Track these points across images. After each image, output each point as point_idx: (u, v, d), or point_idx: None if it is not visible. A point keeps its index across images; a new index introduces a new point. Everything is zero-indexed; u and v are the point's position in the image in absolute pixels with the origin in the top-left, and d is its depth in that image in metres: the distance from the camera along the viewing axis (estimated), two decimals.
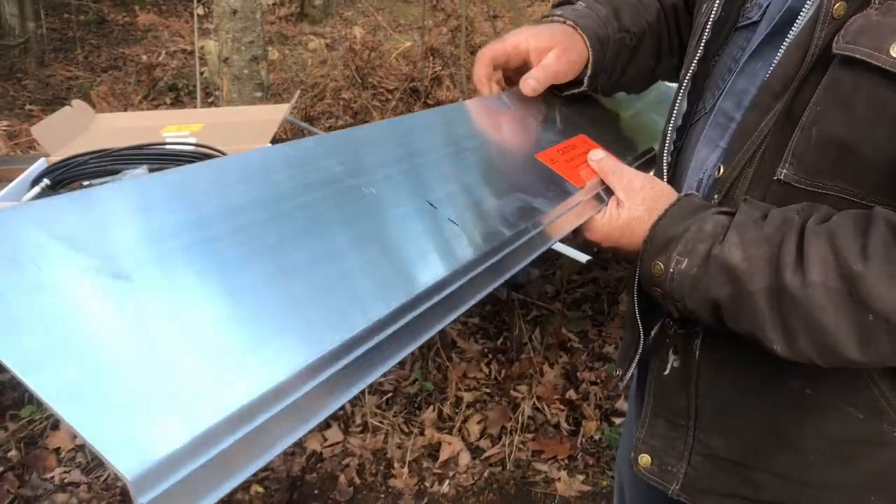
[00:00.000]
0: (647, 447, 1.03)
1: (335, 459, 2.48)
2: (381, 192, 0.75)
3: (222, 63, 3.79)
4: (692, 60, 0.98)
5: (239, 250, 0.59)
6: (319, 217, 0.67)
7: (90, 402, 0.44)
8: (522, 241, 0.80)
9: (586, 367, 2.84)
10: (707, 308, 0.83)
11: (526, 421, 2.60)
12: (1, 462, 2.42)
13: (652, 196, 0.90)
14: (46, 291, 0.49)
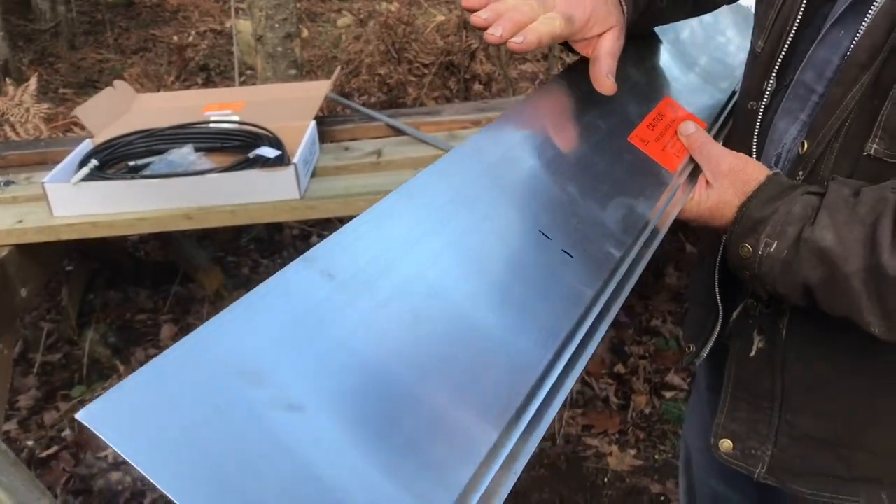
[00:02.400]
0: (728, 432, 1.01)
1: None
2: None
3: (256, 41, 3.77)
4: (786, 37, 0.92)
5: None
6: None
7: None
8: (633, 254, 0.78)
9: (634, 342, 2.81)
10: (799, 292, 0.81)
11: (575, 396, 2.58)
12: (56, 441, 2.45)
13: (741, 179, 0.88)
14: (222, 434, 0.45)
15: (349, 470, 0.46)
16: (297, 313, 0.53)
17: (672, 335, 2.83)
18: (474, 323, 0.61)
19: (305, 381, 0.50)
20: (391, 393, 0.52)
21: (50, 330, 2.96)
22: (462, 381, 0.56)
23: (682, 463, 1.39)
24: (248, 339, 0.50)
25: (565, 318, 0.65)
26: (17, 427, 2.52)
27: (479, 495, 0.50)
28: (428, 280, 0.61)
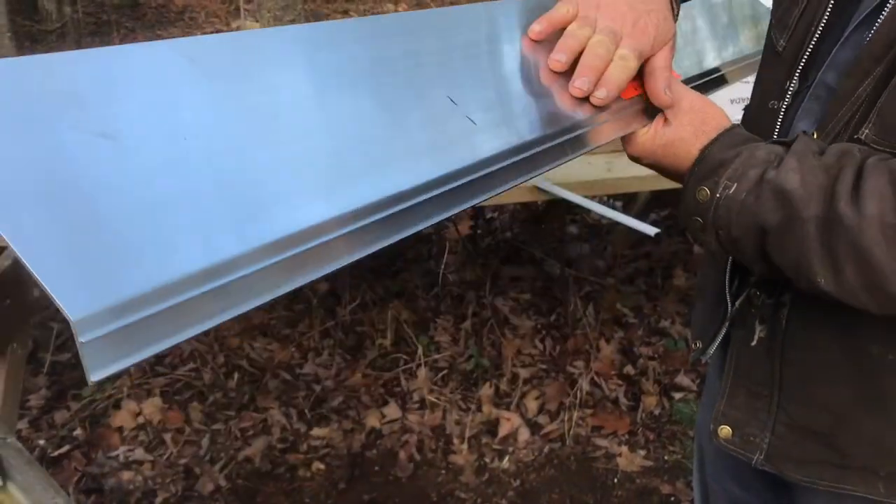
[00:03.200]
0: (728, 419, 1.01)
1: (394, 436, 2.49)
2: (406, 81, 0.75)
3: None
4: (810, 40, 0.91)
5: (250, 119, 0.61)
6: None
7: (51, 246, 0.45)
8: (554, 143, 0.78)
9: (643, 343, 2.82)
10: (752, 235, 0.79)
11: (584, 396, 2.58)
12: (67, 441, 2.46)
13: (701, 119, 0.87)
14: (29, 141, 0.50)
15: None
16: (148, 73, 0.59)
17: (681, 336, 2.84)
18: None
19: (127, 119, 0.54)
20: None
21: (59, 329, 2.96)
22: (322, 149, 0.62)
23: (695, 463, 1.40)
24: (81, 72, 0.55)
25: (435, 164, 0.67)
26: (28, 426, 2.52)
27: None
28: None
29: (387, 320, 2.90)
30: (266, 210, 0.54)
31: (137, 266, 0.47)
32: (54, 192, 0.48)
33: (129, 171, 0.51)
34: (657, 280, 3.12)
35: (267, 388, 2.67)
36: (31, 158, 0.49)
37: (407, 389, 2.66)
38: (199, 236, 0.51)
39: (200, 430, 2.52)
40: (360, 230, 0.58)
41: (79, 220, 0.47)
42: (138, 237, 0.48)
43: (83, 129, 0.52)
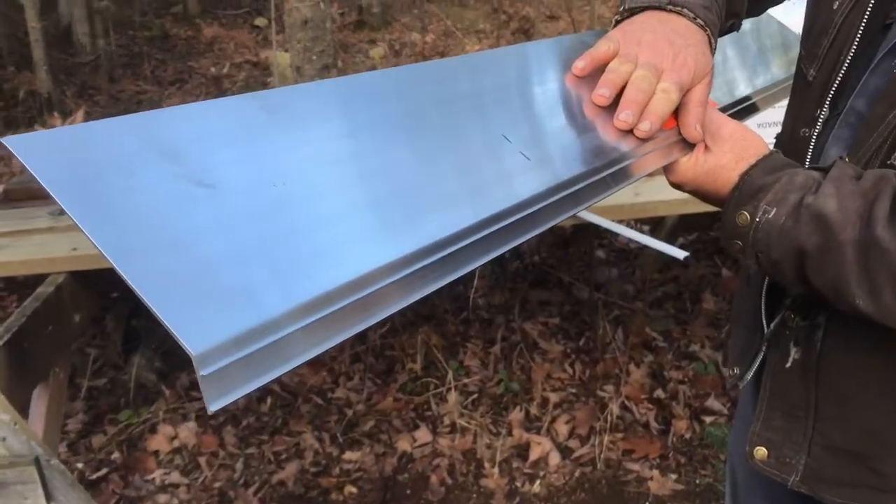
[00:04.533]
0: (763, 440, 1.02)
1: (426, 460, 2.50)
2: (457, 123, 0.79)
3: (295, 72, 3.86)
4: (839, 67, 0.94)
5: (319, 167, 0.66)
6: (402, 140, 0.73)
7: (169, 287, 0.50)
8: (600, 176, 0.81)
9: (673, 366, 2.82)
10: (792, 258, 0.81)
11: (614, 420, 2.59)
12: (105, 464, 2.51)
13: (741, 146, 0.89)
14: (140, 193, 0.55)
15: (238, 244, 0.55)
16: (236, 125, 0.65)
17: (711, 360, 2.83)
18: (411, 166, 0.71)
19: (222, 169, 0.59)
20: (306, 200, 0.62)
21: (96, 355, 3.02)
22: (367, 202, 0.65)
23: (728, 487, 1.40)
24: (176, 128, 0.61)
25: (494, 201, 0.70)
26: (66, 450, 2.57)
27: (358, 298, 0.57)
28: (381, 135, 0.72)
29: (416, 345, 2.93)
30: (339, 253, 0.59)
31: (246, 303, 0.51)
32: (166, 237, 0.53)
33: (229, 217, 0.57)
34: (686, 304, 3.12)
35: (299, 413, 2.71)
36: (141, 208, 0.54)
37: (437, 413, 2.68)
38: (286, 277, 0.55)
39: (234, 453, 2.56)
40: (423, 269, 0.62)
41: (189, 263, 0.52)
42: (241, 277, 0.53)
43: (184, 180, 0.57)
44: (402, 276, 0.60)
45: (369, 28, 8.31)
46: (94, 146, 0.57)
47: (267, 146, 0.65)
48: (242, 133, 0.65)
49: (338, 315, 0.56)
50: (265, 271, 0.54)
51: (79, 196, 0.53)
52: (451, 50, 5.29)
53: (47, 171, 0.53)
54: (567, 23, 5.72)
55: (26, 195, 2.59)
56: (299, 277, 0.55)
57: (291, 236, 0.57)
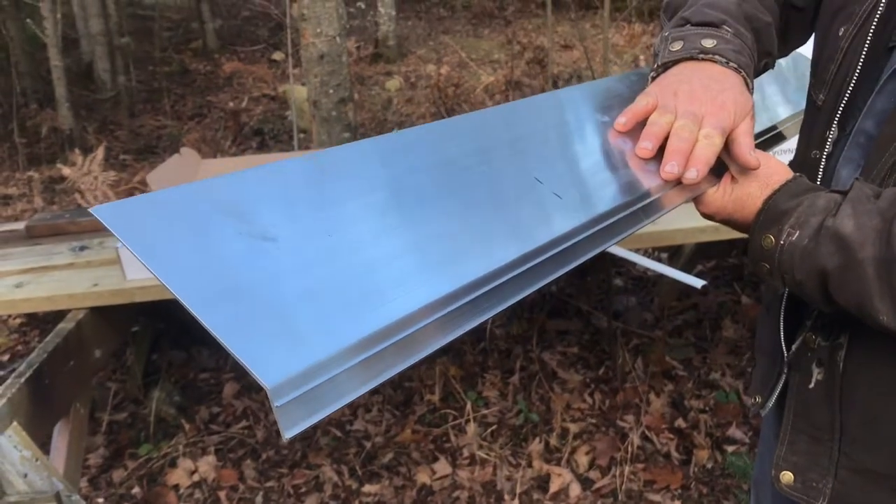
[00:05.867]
0: (789, 464, 1.01)
1: (445, 492, 2.49)
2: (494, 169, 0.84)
3: (312, 106, 3.90)
4: (845, 88, 0.95)
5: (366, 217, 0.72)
6: (437, 191, 0.79)
7: (241, 329, 0.56)
8: (632, 209, 0.85)
9: (693, 395, 2.80)
10: (814, 278, 0.83)
11: (635, 451, 2.56)
12: (125, 499, 2.51)
13: (766, 173, 0.91)
14: (211, 250, 0.62)
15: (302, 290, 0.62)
16: (290, 186, 0.72)
17: (732, 388, 2.81)
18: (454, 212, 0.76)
19: (281, 225, 0.67)
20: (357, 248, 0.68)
21: (116, 389, 3.04)
22: (421, 247, 0.71)
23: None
24: (239, 191, 0.69)
25: (530, 237, 0.75)
26: (87, 485, 2.58)
27: (402, 336, 0.62)
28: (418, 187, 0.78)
29: (435, 376, 2.92)
30: (383, 295, 0.64)
31: (307, 342, 0.57)
32: (235, 286, 0.60)
33: (290, 265, 0.63)
34: (706, 332, 3.10)
35: (318, 445, 2.70)
36: (213, 263, 0.61)
37: (457, 445, 2.67)
38: (345, 316, 0.61)
39: (254, 487, 2.55)
40: (462, 307, 0.67)
41: (259, 307, 0.58)
42: (305, 318, 0.59)
43: (250, 236, 0.64)
44: (443, 314, 0.65)
45: (385, 60, 8.40)
46: (171, 212, 0.65)
47: (320, 201, 0.71)
48: (297, 191, 0.72)
49: (386, 352, 0.61)
50: (321, 314, 0.60)
51: (160, 256, 0.60)
52: (466, 81, 5.33)
53: (132, 237, 0.61)
54: (580, 52, 5.75)
55: (48, 231, 2.63)
56: (350, 319, 0.60)
57: (343, 281, 0.64)
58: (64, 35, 6.90)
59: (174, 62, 8.99)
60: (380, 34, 8.77)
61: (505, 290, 0.70)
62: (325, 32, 3.69)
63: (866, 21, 0.94)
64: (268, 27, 10.48)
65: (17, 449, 1.75)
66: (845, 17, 0.97)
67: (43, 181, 5.47)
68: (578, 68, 6.19)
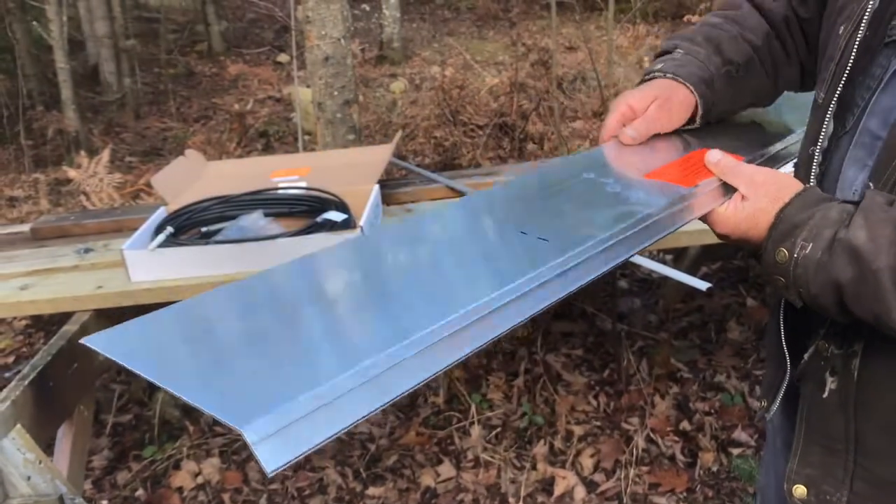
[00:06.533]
0: (802, 477, 1.00)
1: (449, 495, 2.48)
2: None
3: (317, 108, 3.90)
4: (839, 82, 0.96)
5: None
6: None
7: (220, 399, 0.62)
8: (622, 236, 0.87)
9: (698, 398, 2.79)
10: (830, 291, 0.83)
11: (640, 453, 2.55)
12: (130, 501, 2.51)
13: (776, 188, 0.91)
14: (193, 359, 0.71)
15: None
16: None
17: (737, 391, 2.80)
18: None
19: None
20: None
21: (121, 391, 3.04)
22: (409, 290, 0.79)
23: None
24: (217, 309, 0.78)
25: (517, 269, 0.79)
26: (91, 487, 2.58)
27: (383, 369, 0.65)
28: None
29: (439, 378, 2.91)
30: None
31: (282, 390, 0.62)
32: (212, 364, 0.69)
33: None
34: (711, 334, 3.09)
35: (322, 448, 2.69)
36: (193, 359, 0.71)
37: (461, 448, 2.67)
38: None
39: (258, 489, 2.55)
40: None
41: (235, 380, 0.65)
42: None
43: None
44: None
45: (389, 62, 8.40)
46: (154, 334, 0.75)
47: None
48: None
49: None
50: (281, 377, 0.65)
51: (151, 366, 0.68)
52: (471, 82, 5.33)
53: (125, 357, 0.70)
54: (585, 54, 5.75)
55: (53, 233, 2.63)
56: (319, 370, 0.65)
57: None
58: (70, 37, 6.92)
59: (179, 64, 9.00)
60: (384, 36, 8.78)
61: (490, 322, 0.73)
62: (329, 35, 3.68)
63: (861, 17, 0.94)
64: (273, 29, 10.50)
65: (21, 451, 1.74)
66: (846, 17, 0.98)
67: (49, 183, 5.49)
68: (583, 70, 6.18)
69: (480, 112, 4.69)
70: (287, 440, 0.57)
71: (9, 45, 7.27)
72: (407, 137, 4.71)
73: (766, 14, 1.19)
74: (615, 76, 5.33)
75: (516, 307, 0.75)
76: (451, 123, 4.59)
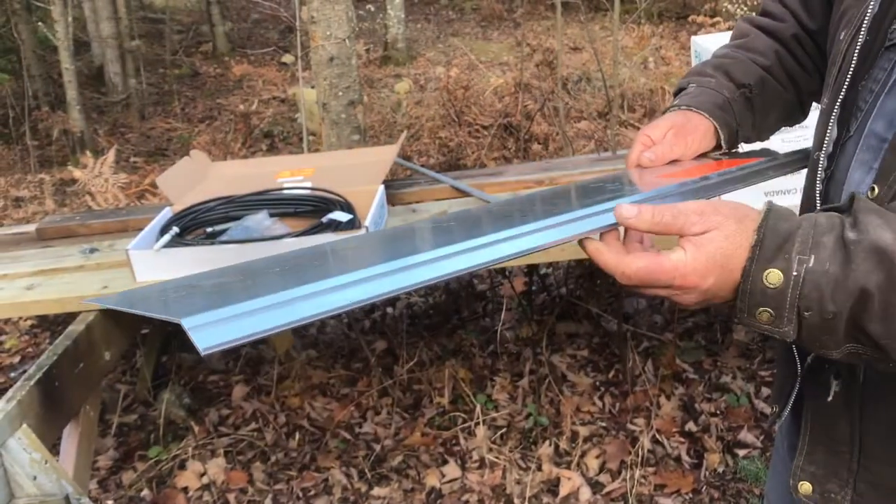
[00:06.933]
0: (807, 474, 1.00)
1: (455, 496, 2.48)
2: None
3: (321, 109, 3.90)
4: (841, 87, 0.96)
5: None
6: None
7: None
8: (595, 208, 0.86)
9: (704, 399, 2.78)
10: (851, 305, 0.71)
11: (646, 454, 2.55)
12: (135, 501, 2.51)
13: (732, 208, 0.78)
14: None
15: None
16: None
17: (743, 392, 2.79)
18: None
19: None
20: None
21: (126, 392, 3.04)
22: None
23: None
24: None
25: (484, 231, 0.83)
26: (97, 487, 2.59)
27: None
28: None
29: (444, 378, 2.91)
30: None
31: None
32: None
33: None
34: (717, 334, 3.08)
35: (328, 448, 2.70)
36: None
37: (466, 448, 2.66)
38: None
39: (263, 489, 2.55)
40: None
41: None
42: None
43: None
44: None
45: (394, 63, 8.41)
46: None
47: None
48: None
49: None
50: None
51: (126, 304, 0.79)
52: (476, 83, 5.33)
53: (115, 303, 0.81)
54: (590, 54, 5.74)
55: (58, 233, 2.64)
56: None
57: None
58: (75, 38, 6.93)
59: (184, 65, 9.03)
60: (389, 37, 8.78)
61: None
62: (334, 35, 3.69)
63: (861, 22, 0.95)
64: (277, 30, 10.52)
65: (27, 451, 1.74)
66: (846, 22, 0.99)
67: (54, 183, 5.50)
68: (588, 70, 6.18)
69: (485, 112, 4.70)
70: (217, 331, 0.65)
71: (14, 45, 7.29)
72: (412, 138, 4.71)
73: (773, 34, 1.21)
74: (620, 76, 5.32)
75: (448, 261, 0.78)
76: (456, 124, 4.59)
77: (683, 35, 8.24)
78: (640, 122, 5.19)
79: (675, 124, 1.12)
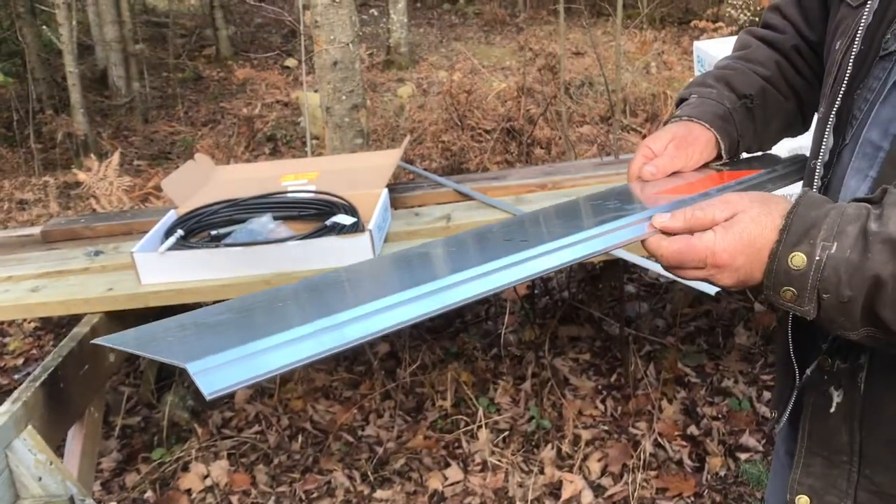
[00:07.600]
0: (805, 487, 1.00)
1: (457, 499, 2.49)
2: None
3: (325, 113, 3.91)
4: (836, 96, 0.97)
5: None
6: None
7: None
8: (608, 226, 0.88)
9: (706, 402, 2.78)
10: (865, 291, 0.76)
11: (647, 458, 2.55)
12: (138, 503, 2.52)
13: (758, 196, 0.85)
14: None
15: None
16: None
17: (745, 396, 2.80)
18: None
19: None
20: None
21: (130, 394, 3.05)
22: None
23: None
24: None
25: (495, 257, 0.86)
26: (100, 489, 2.59)
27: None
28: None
29: (447, 381, 2.92)
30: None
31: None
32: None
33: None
34: (718, 338, 3.09)
35: (330, 451, 2.71)
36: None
37: (468, 451, 2.67)
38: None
39: (266, 492, 2.56)
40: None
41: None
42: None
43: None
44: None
45: (397, 67, 8.43)
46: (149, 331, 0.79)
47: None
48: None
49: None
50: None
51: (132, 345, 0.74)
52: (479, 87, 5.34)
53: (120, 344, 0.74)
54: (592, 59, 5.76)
55: (63, 236, 2.65)
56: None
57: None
58: (79, 42, 6.96)
59: (188, 69, 9.05)
60: (392, 41, 8.80)
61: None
62: (337, 39, 3.70)
63: (855, 32, 0.96)
64: (281, 34, 10.54)
65: (32, 452, 1.76)
66: (841, 33, 1.00)
67: (58, 186, 5.52)
68: (590, 75, 6.20)
69: (488, 117, 4.71)
70: (222, 375, 0.65)
71: (19, 49, 7.32)
72: (415, 142, 4.72)
73: (774, 46, 1.22)
74: (623, 81, 5.33)
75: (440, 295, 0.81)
76: (459, 128, 4.61)
77: (686, 40, 8.26)
78: (642, 127, 5.20)
79: (676, 135, 1.12)
